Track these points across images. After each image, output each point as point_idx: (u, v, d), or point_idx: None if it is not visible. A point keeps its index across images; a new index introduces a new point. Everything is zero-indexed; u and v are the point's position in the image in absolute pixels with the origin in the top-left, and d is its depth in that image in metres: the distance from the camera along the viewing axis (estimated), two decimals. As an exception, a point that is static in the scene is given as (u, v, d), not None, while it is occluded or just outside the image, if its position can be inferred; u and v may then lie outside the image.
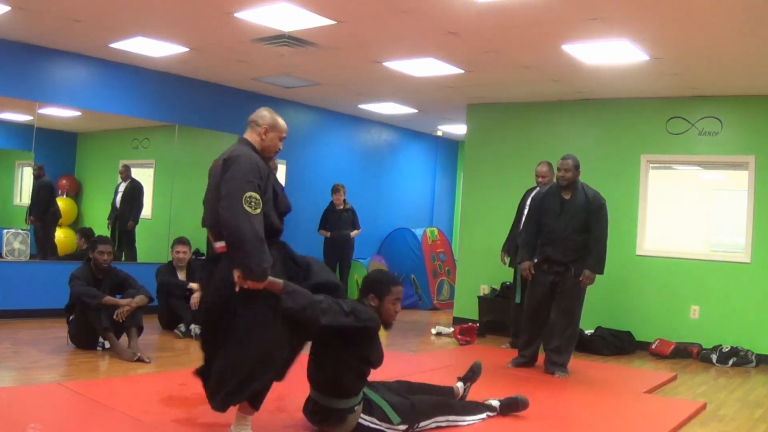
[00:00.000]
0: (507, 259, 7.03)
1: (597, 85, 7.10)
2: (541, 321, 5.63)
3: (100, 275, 5.45)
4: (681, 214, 7.63)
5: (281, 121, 3.46)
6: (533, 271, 5.61)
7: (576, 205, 5.49)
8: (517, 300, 6.40)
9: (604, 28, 5.18)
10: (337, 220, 8.82)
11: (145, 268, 6.84)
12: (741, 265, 6.92)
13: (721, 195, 7.86)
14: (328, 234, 8.79)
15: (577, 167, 5.52)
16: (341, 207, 8.84)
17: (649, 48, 5.62)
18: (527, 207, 6.18)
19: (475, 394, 4.23)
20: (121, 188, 8.04)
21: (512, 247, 6.76)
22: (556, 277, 5.54)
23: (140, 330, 5.45)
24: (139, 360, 5.12)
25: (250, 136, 3.42)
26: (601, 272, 5.54)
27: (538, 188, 6.35)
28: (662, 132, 7.35)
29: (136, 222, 8.02)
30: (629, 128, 7.55)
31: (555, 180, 5.75)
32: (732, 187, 7.49)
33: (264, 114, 3.45)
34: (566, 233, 5.48)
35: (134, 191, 8.05)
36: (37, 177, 7.26)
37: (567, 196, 5.55)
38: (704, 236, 7.62)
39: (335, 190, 8.84)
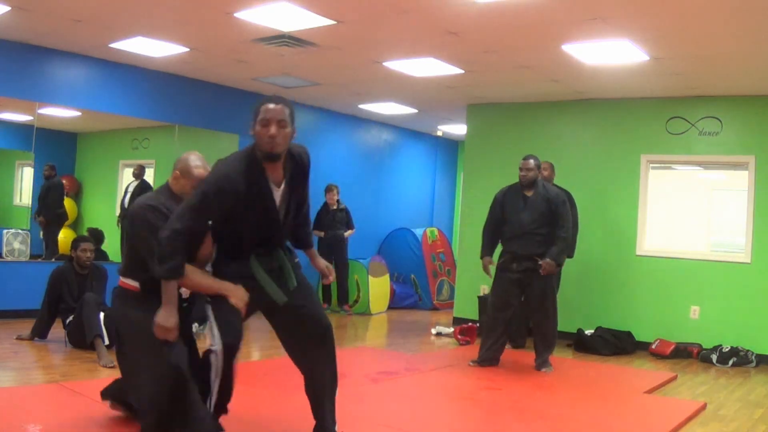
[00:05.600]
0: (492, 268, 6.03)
1: (597, 85, 7.09)
2: (507, 319, 5.72)
3: (83, 272, 5.69)
4: (681, 214, 7.63)
5: (195, 171, 3.34)
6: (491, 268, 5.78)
7: (538, 201, 5.64)
8: None
9: (604, 28, 5.18)
10: (331, 220, 8.88)
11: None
12: (741, 265, 6.91)
13: (721, 195, 7.87)
14: (322, 234, 8.82)
15: (538, 167, 5.73)
16: (335, 207, 8.90)
17: (649, 48, 5.62)
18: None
19: (478, 397, 4.22)
20: (131, 188, 7.97)
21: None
22: (523, 275, 5.60)
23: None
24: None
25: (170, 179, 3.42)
26: (560, 263, 5.75)
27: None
28: (662, 132, 7.35)
29: None
30: (629, 128, 7.54)
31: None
32: (732, 187, 7.49)
33: (182, 158, 3.38)
34: (531, 228, 5.59)
35: (143, 191, 7.95)
36: (47, 177, 7.24)
37: (529, 194, 5.68)
38: (704, 236, 7.62)
39: (328, 189, 8.92)
